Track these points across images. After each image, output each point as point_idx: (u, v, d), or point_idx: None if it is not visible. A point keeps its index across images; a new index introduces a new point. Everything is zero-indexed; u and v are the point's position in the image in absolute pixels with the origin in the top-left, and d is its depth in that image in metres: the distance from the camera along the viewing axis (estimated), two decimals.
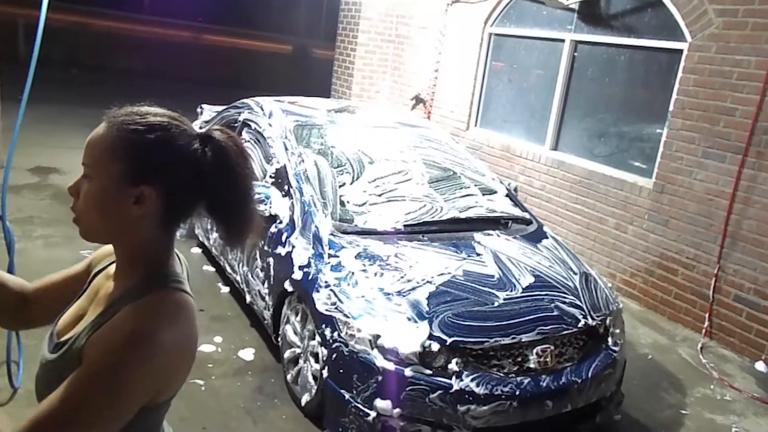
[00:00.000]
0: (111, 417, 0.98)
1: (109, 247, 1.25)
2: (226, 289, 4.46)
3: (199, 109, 5.88)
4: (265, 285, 3.60)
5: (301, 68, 16.74)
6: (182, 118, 1.16)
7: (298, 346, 3.27)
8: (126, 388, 0.99)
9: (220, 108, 5.42)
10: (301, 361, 3.24)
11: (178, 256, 1.22)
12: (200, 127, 5.19)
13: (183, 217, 1.15)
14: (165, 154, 1.08)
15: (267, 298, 3.58)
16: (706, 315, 4.59)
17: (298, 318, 3.28)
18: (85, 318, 1.15)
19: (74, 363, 1.04)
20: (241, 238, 1.17)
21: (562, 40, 5.91)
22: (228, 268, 4.30)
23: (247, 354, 3.66)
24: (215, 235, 4.50)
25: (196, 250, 5.09)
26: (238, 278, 4.10)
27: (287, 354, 3.35)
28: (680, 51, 4.84)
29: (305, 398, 3.12)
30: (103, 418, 0.98)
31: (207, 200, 1.13)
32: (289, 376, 3.32)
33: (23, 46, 12.94)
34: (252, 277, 3.80)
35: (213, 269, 4.77)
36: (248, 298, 3.92)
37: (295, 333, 3.30)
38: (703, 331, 4.59)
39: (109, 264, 1.23)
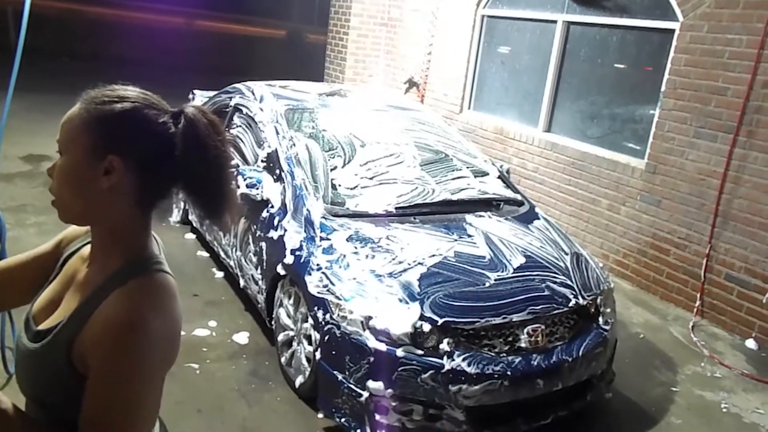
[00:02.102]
0: (153, 404, 1.06)
1: (81, 227, 1.25)
2: (220, 274, 4.48)
3: (190, 95, 5.84)
4: (258, 269, 3.62)
5: (296, 53, 16.63)
6: (155, 96, 1.15)
7: (292, 329, 3.29)
8: (150, 379, 1.04)
9: (211, 93, 5.39)
10: (294, 344, 3.26)
11: (154, 236, 1.21)
12: None
13: (158, 195, 1.14)
14: (132, 126, 1.08)
15: (260, 282, 3.60)
16: (698, 294, 4.63)
17: (291, 301, 3.30)
18: (63, 305, 1.14)
19: (61, 356, 1.05)
20: (219, 216, 1.15)
21: (555, 21, 5.88)
22: (222, 253, 4.32)
23: (242, 338, 3.68)
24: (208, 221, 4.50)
25: (190, 236, 5.10)
26: (231, 263, 4.11)
27: (281, 337, 3.37)
28: (672, 31, 4.83)
29: (299, 380, 3.15)
30: (150, 408, 1.06)
31: (180, 177, 1.12)
32: (283, 359, 3.34)
33: (13, 34, 12.83)
34: (245, 261, 3.81)
35: (207, 255, 4.78)
36: (242, 283, 3.93)
37: (289, 316, 3.32)
38: (695, 310, 4.63)
39: (83, 245, 1.22)
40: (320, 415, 3.03)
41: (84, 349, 1.04)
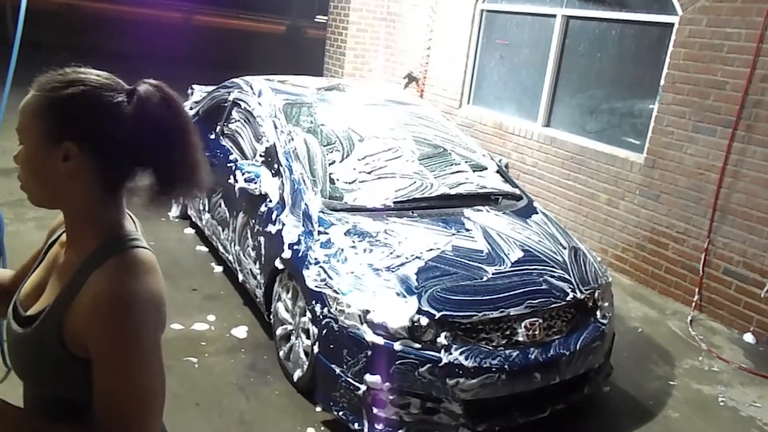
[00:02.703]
0: (160, 372, 1.08)
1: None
2: (219, 269, 4.48)
3: (189, 90, 5.84)
4: (257, 264, 3.62)
5: (295, 48, 16.60)
6: (112, 77, 1.13)
7: (290, 323, 3.30)
8: (152, 346, 1.07)
9: (210, 88, 5.39)
10: (292, 338, 3.27)
11: (129, 215, 1.21)
12: (190, 108, 5.13)
13: (122, 176, 1.13)
14: (84, 110, 1.07)
15: (259, 276, 3.60)
16: (696, 288, 4.64)
17: (289, 295, 3.31)
18: (48, 290, 1.15)
19: (52, 340, 1.07)
20: (187, 191, 1.14)
21: (554, 16, 5.87)
22: (221, 248, 4.32)
23: (240, 332, 3.69)
24: (207, 215, 4.51)
25: (189, 231, 5.10)
26: (230, 257, 4.12)
27: (279, 331, 3.38)
28: (671, 25, 4.82)
29: (297, 374, 3.16)
30: (158, 376, 1.08)
31: (140, 156, 1.10)
32: (281, 353, 3.35)
33: (12, 29, 12.77)
34: (244, 256, 3.82)
35: (206, 249, 4.78)
36: (241, 277, 3.94)
37: (287, 310, 3.33)
38: (693, 304, 4.64)
39: (63, 232, 1.23)
40: (318, 409, 3.03)
41: (77, 331, 1.05)
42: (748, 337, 4.28)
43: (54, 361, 1.09)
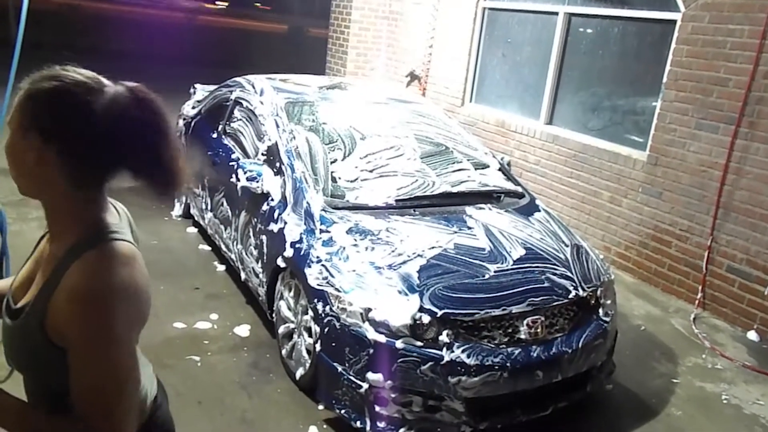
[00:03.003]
0: (133, 365, 1.12)
1: None
2: (221, 268, 4.49)
3: (192, 89, 5.85)
4: (259, 262, 3.62)
5: (298, 47, 16.61)
6: (95, 77, 1.15)
7: (292, 321, 3.30)
8: (125, 338, 1.09)
9: (212, 87, 5.39)
10: (295, 336, 3.27)
11: (116, 207, 1.25)
12: (192, 107, 5.12)
13: (92, 173, 1.15)
14: (53, 104, 1.10)
15: (261, 274, 3.61)
16: (699, 286, 4.62)
17: (292, 293, 3.31)
18: (35, 282, 1.19)
19: (36, 332, 1.11)
20: (165, 192, 1.17)
21: (556, 13, 5.86)
22: (223, 247, 4.33)
23: (243, 330, 3.69)
24: (210, 214, 4.52)
25: (192, 230, 5.11)
26: (233, 256, 4.12)
27: (281, 329, 3.38)
28: (674, 21, 4.81)
29: (299, 372, 3.16)
30: (127, 363, 1.10)
31: (113, 156, 1.13)
32: (283, 351, 3.36)
33: (14, 29, 12.82)
34: (246, 254, 3.82)
35: (209, 248, 4.79)
36: (243, 276, 3.94)
37: (289, 308, 3.33)
38: (696, 302, 4.63)
39: None
40: (320, 407, 3.04)
41: (57, 323, 1.09)
42: (752, 335, 4.27)
43: (39, 352, 1.12)
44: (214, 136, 4.60)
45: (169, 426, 1.40)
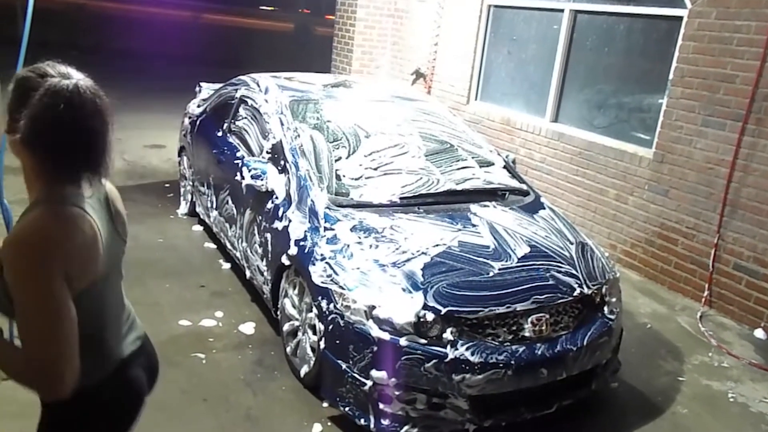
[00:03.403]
0: (56, 307, 1.25)
1: None
2: (227, 266, 4.50)
3: (197, 88, 5.86)
4: (264, 260, 3.63)
5: (304, 46, 16.61)
6: (62, 71, 1.34)
7: (297, 319, 3.31)
8: (51, 284, 1.24)
9: (217, 86, 5.40)
10: (299, 334, 3.28)
11: (100, 185, 1.44)
12: (198, 105, 5.14)
13: (48, 153, 1.32)
14: (15, 92, 1.33)
15: (266, 272, 3.61)
16: (706, 284, 4.60)
17: (296, 291, 3.31)
18: None
19: (2, 276, 1.30)
20: (92, 172, 1.35)
21: (561, 10, 5.84)
22: (228, 245, 4.34)
23: (248, 328, 3.70)
24: (215, 213, 4.53)
25: (198, 228, 5.13)
26: (238, 254, 4.13)
27: (286, 327, 3.39)
28: (680, 18, 4.78)
29: (304, 369, 3.17)
30: (56, 311, 1.25)
31: (50, 140, 1.31)
32: (288, 349, 3.36)
33: (22, 28, 12.86)
34: (251, 252, 3.83)
35: (214, 246, 4.81)
36: (248, 274, 3.95)
37: (294, 306, 3.34)
38: (703, 300, 4.60)
39: None
40: (325, 405, 3.04)
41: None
42: (759, 333, 4.24)
43: (5, 293, 1.30)
44: (219, 134, 4.61)
45: (138, 388, 1.54)
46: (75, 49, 13.55)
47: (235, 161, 4.15)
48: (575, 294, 3.08)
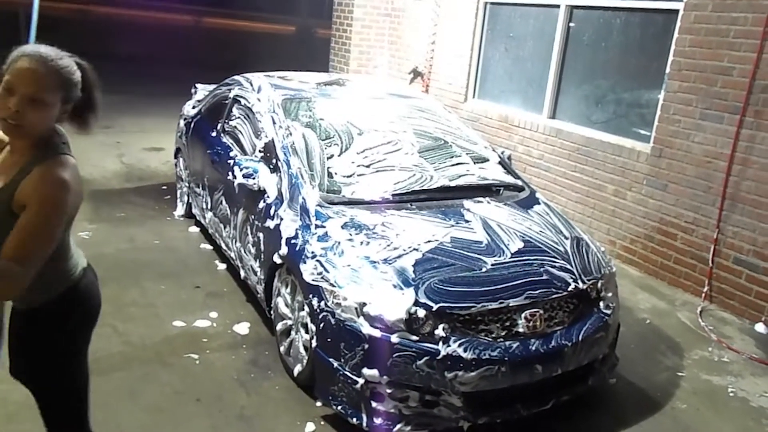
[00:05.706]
0: (57, 232, 1.68)
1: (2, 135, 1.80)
2: (222, 266, 4.49)
3: (193, 89, 5.86)
4: (257, 260, 3.61)
5: (305, 49, 16.58)
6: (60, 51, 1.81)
7: (290, 318, 3.28)
8: (61, 214, 1.68)
9: (212, 87, 5.39)
10: (292, 333, 3.25)
11: (57, 129, 1.81)
12: (193, 107, 5.13)
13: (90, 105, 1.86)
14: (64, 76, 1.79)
15: (259, 272, 3.59)
16: (706, 279, 4.55)
17: (288, 290, 3.29)
18: (2, 177, 1.73)
19: (7, 205, 1.66)
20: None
21: (557, 6, 5.80)
22: (223, 246, 4.32)
23: (242, 328, 3.68)
24: (210, 213, 4.51)
25: (194, 229, 5.12)
26: (232, 255, 4.12)
27: (279, 326, 3.36)
28: (676, 11, 4.74)
29: (297, 369, 3.14)
30: (55, 233, 1.67)
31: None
32: (282, 348, 3.34)
33: (25, 35, 12.92)
34: (245, 252, 3.81)
35: (210, 247, 4.79)
36: (242, 274, 3.93)
37: (286, 305, 3.32)
38: (703, 294, 4.55)
39: (5, 145, 1.81)
40: (318, 404, 3.01)
41: (21, 199, 1.64)
42: (760, 327, 4.19)
43: (3, 219, 1.64)
44: (214, 134, 4.59)
45: (94, 292, 1.96)
46: (79, 54, 13.64)
47: (229, 161, 4.13)
48: (570, 289, 3.04)
